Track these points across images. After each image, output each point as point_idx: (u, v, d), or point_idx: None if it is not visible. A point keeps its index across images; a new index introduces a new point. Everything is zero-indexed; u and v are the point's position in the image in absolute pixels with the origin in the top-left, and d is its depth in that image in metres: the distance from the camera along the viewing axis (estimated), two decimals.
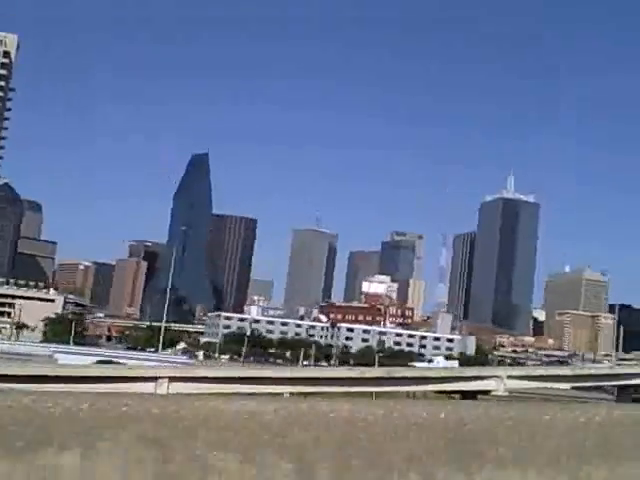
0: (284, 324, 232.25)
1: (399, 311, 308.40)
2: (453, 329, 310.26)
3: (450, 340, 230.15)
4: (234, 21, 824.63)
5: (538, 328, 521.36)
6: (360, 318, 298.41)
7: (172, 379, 54.72)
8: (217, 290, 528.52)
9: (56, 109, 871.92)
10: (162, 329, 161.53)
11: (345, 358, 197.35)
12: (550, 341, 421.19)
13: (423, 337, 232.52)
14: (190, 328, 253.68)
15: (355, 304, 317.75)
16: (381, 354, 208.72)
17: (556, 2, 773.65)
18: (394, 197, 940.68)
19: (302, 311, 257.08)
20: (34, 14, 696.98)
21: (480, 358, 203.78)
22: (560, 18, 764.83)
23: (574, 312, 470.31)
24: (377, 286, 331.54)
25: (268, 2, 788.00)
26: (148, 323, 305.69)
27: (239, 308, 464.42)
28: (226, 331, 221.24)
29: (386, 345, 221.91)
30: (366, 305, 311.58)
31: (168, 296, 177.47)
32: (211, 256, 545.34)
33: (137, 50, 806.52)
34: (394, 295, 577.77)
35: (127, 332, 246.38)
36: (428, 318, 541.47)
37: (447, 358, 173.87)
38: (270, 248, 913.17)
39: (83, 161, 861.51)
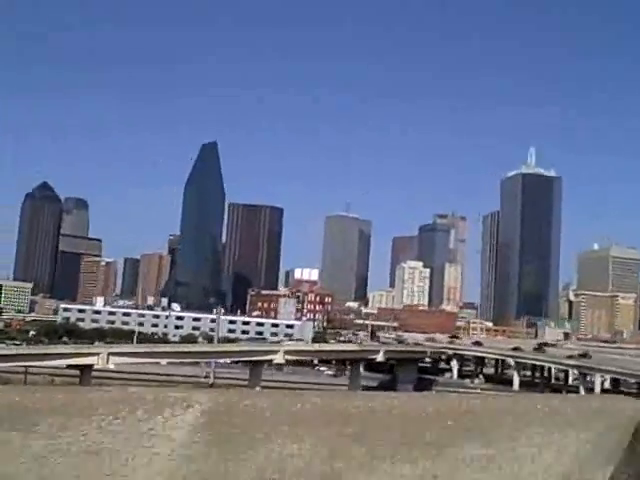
0: (126, 314, 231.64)
1: (317, 298, 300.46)
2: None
3: (290, 326, 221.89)
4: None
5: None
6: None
7: None
8: (243, 281, 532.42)
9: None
10: None
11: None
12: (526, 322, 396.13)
13: (260, 324, 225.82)
14: None
15: (280, 292, 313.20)
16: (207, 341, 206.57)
17: None
18: (425, 179, 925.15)
19: (150, 300, 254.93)
20: None
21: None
22: None
23: (590, 293, 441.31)
24: (310, 272, 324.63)
25: None
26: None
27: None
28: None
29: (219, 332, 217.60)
30: (287, 293, 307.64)
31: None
32: (237, 246, 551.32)
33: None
34: (426, 281, 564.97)
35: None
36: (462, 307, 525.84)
37: None
38: (301, 236, 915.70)
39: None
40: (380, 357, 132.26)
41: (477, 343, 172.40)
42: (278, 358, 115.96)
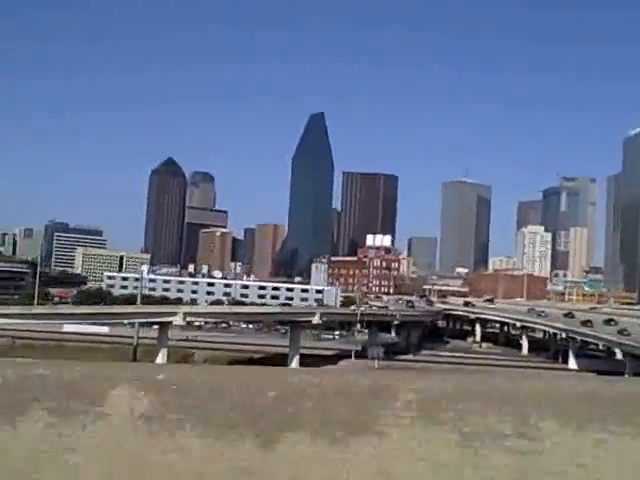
0: (166, 281, 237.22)
1: (384, 263, 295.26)
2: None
3: (319, 291, 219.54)
4: None
5: None
6: (350, 272, 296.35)
7: None
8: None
9: None
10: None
11: None
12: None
13: (289, 289, 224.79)
14: None
15: (348, 258, 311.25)
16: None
17: None
18: (544, 142, 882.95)
19: (191, 268, 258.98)
20: None
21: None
22: None
23: None
24: (382, 239, 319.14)
25: None
26: None
27: None
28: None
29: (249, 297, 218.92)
30: (355, 259, 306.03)
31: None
32: (354, 214, 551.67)
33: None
34: (547, 245, 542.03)
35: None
36: (589, 271, 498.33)
37: None
38: (419, 204, 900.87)
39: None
40: (316, 319, 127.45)
41: (569, 314, 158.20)
42: (177, 320, 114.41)
